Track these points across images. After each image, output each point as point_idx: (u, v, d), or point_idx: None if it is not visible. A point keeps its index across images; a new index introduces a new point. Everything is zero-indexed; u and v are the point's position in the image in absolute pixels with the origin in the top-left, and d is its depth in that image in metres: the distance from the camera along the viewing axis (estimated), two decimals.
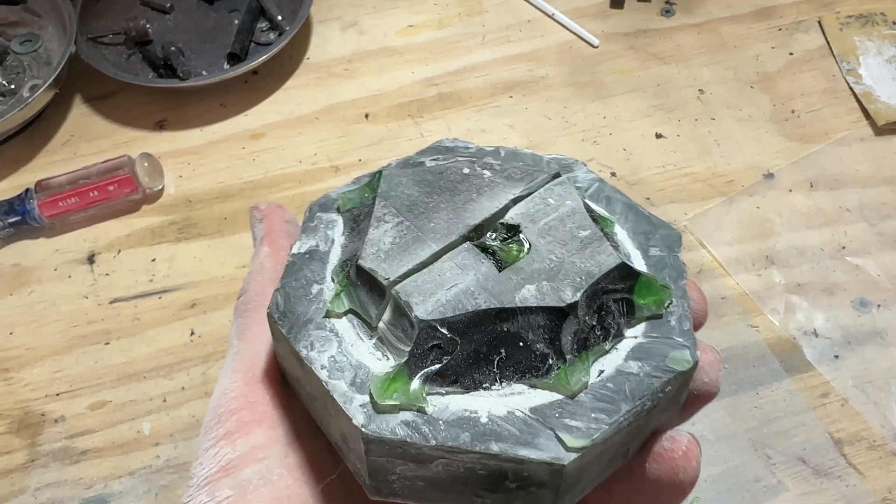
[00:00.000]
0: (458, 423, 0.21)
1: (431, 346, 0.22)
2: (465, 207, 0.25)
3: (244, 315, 0.27)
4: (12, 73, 0.67)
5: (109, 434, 0.51)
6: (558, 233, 0.24)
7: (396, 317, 0.23)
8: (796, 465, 0.49)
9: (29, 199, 0.58)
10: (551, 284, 0.23)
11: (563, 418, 0.21)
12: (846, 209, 0.60)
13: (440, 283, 0.23)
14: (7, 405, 0.52)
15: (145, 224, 0.60)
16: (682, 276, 0.26)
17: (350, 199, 0.27)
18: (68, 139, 0.66)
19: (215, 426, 0.24)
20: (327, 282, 0.25)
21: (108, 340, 0.55)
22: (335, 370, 0.22)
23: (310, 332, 0.23)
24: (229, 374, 0.26)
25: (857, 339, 0.54)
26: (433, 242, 0.24)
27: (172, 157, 0.64)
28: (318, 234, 0.26)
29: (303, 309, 0.24)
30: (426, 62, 0.71)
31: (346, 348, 0.23)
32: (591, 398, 0.22)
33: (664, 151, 0.64)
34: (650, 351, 0.23)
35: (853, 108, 0.66)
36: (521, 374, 0.23)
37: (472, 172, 0.26)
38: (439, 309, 0.22)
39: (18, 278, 0.58)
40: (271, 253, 0.28)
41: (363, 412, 0.21)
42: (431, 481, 0.22)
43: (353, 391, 0.22)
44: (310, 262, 0.25)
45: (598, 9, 0.75)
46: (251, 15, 0.70)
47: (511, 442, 0.21)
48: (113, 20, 0.71)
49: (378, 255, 0.24)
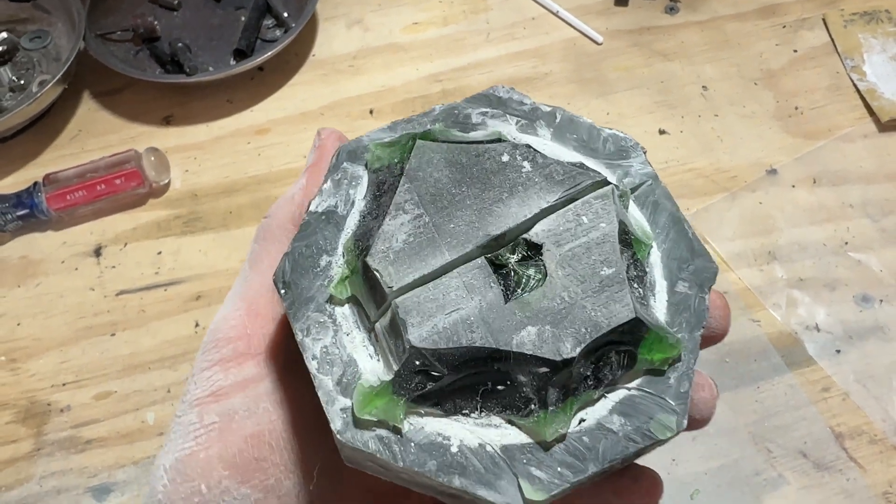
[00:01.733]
0: (428, 447, 0.21)
1: (418, 371, 0.21)
2: (490, 210, 0.23)
3: (261, 242, 0.27)
4: (22, 69, 0.68)
5: (114, 424, 0.51)
6: (580, 265, 0.22)
7: (393, 326, 0.22)
8: (797, 458, 0.49)
9: (37, 192, 0.58)
10: (553, 331, 0.21)
11: (529, 465, 0.21)
12: (849, 205, 0.60)
13: (442, 305, 0.22)
14: (14, 395, 0.53)
15: (151, 217, 0.61)
16: (700, 324, 0.24)
17: (380, 158, 0.25)
18: (76, 134, 0.67)
19: (212, 349, 0.25)
20: (337, 255, 0.24)
21: (114, 332, 0.55)
22: (325, 363, 0.22)
23: (309, 315, 0.23)
24: (234, 301, 0.26)
25: (858, 334, 0.54)
26: (447, 250, 0.22)
27: (179, 151, 0.65)
28: (339, 192, 0.25)
29: (307, 283, 0.23)
30: (431, 59, 0.71)
31: (340, 339, 0.23)
32: (562, 450, 0.22)
33: (667, 147, 0.64)
34: (638, 408, 0.22)
35: (857, 105, 0.66)
36: (503, 408, 0.22)
37: (511, 162, 0.24)
38: (433, 337, 0.21)
39: (26, 270, 0.58)
40: (307, 186, 0.27)
41: (342, 418, 0.21)
42: (400, 479, 0.23)
43: (337, 391, 0.22)
44: (325, 225, 0.24)
45: (603, 6, 0.75)
46: (257, 12, 0.71)
47: (474, 479, 0.21)
48: (121, 17, 0.72)
49: (388, 255, 0.22)
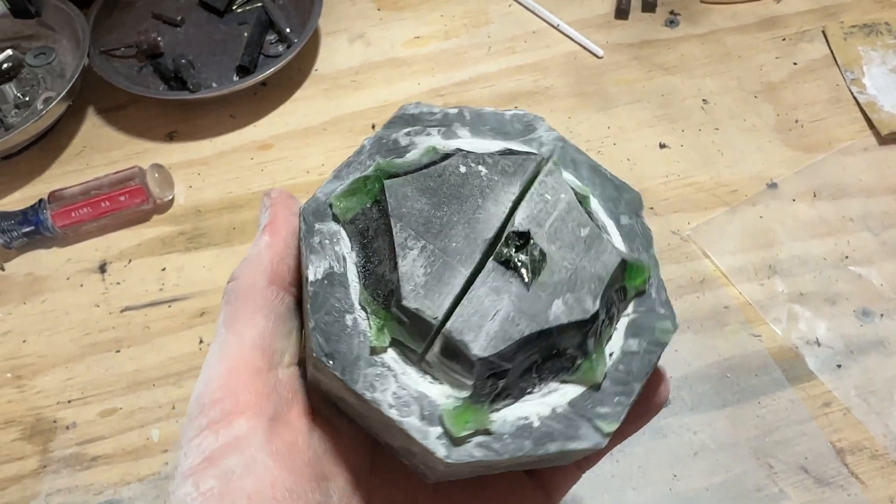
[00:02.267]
0: (517, 433, 0.24)
1: (489, 376, 0.24)
2: (476, 217, 0.26)
3: (233, 303, 0.26)
4: (27, 86, 0.68)
5: (119, 441, 0.52)
6: (564, 235, 0.26)
7: (448, 352, 0.24)
8: (798, 474, 0.49)
9: (42, 209, 0.59)
10: (574, 296, 0.25)
11: (595, 407, 0.25)
12: (849, 219, 0.60)
13: (483, 314, 0.24)
14: (20, 412, 0.53)
15: (156, 234, 0.61)
16: (650, 243, 0.29)
17: (349, 209, 0.27)
18: (81, 150, 0.67)
19: (198, 416, 0.24)
20: (357, 310, 0.25)
21: (119, 348, 0.56)
22: (402, 406, 0.24)
23: (364, 371, 0.24)
24: (214, 364, 0.25)
25: (859, 348, 0.54)
26: (461, 266, 0.25)
27: (183, 167, 0.65)
28: (326, 254, 0.26)
29: (346, 347, 0.24)
30: (432, 73, 0.71)
31: (402, 381, 0.24)
32: (610, 383, 0.25)
33: (668, 161, 0.64)
34: (641, 325, 0.27)
35: (857, 118, 0.67)
36: (555, 373, 0.25)
37: (469, 171, 0.27)
38: (492, 343, 0.24)
39: (32, 287, 0.59)
40: (271, 243, 0.27)
41: (442, 444, 0.23)
42: (489, 469, 0.25)
43: (425, 425, 0.23)
44: (331, 288, 0.25)
45: (603, 19, 0.75)
46: (260, 27, 0.71)
47: (562, 440, 0.24)
48: (125, 33, 0.73)
49: (417, 291, 0.24)
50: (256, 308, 0.26)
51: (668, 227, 0.60)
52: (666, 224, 0.60)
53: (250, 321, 0.26)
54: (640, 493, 0.49)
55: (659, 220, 0.61)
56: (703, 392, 0.52)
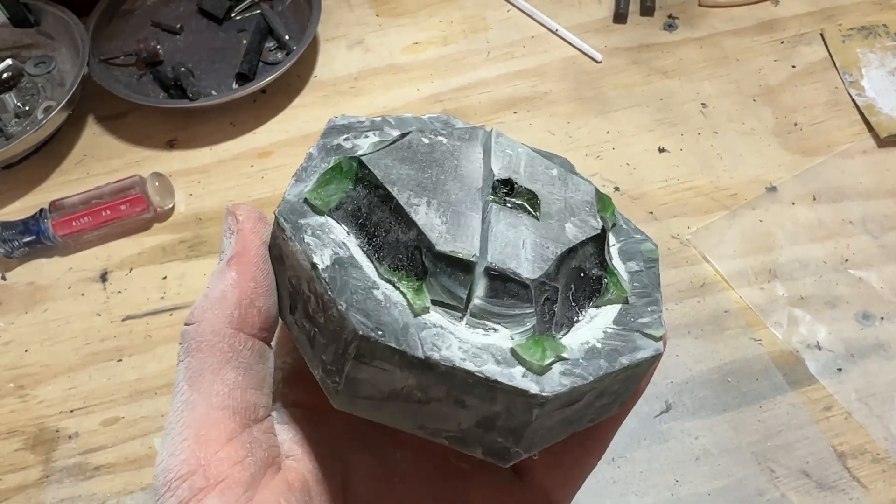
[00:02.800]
0: (588, 355, 0.23)
1: (544, 301, 0.24)
2: (459, 174, 0.26)
3: (195, 355, 0.22)
4: (27, 95, 0.68)
5: (122, 450, 0.52)
6: (539, 176, 0.27)
7: (496, 288, 0.23)
8: (800, 478, 0.49)
9: (43, 218, 0.59)
10: (577, 219, 0.26)
11: (637, 319, 0.25)
12: (849, 222, 0.61)
13: (514, 245, 0.24)
14: (22, 422, 0.53)
15: (156, 242, 0.62)
16: None
17: (330, 197, 0.25)
18: (81, 159, 0.67)
19: (166, 494, 0.22)
20: (383, 285, 0.23)
21: (121, 357, 0.56)
22: (474, 357, 0.22)
23: (419, 335, 0.22)
24: (179, 430, 0.22)
25: (860, 352, 0.54)
26: (470, 211, 0.24)
27: (183, 175, 0.65)
28: (324, 242, 0.24)
29: (388, 317, 0.22)
30: (431, 79, 0.72)
31: (461, 337, 0.22)
32: (636, 298, 0.26)
33: (667, 165, 0.65)
34: (630, 251, 0.28)
35: (856, 121, 0.67)
36: (588, 299, 0.26)
37: (432, 141, 0.27)
38: (537, 266, 0.24)
39: (33, 296, 0.59)
40: (238, 281, 0.23)
41: (531, 380, 0.22)
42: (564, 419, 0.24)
43: (505, 368, 0.22)
44: (345, 271, 0.23)
45: (601, 24, 0.75)
46: (259, 35, 0.71)
47: (628, 352, 0.24)
48: (124, 41, 0.73)
49: (444, 236, 0.23)
50: (224, 360, 0.23)
51: (667, 232, 0.60)
52: (666, 228, 0.60)
53: (217, 376, 0.22)
54: (643, 498, 0.49)
55: (658, 225, 0.61)
56: (705, 397, 0.53)
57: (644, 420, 0.52)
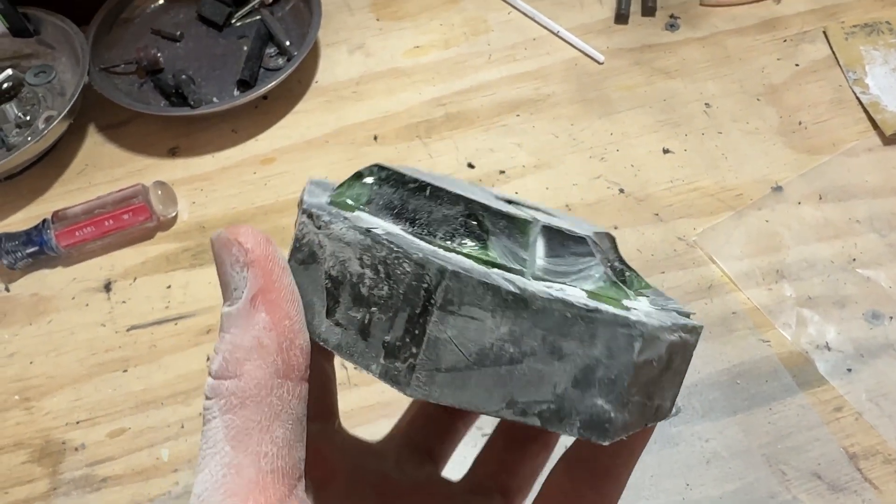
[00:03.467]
0: (651, 313, 0.22)
1: (602, 258, 0.23)
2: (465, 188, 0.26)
3: (237, 412, 0.20)
4: (27, 105, 0.68)
5: (129, 461, 0.52)
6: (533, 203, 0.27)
7: (554, 247, 0.22)
8: (811, 480, 0.49)
9: (46, 229, 0.59)
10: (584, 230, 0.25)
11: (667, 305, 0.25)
12: (856, 221, 0.60)
13: (552, 221, 0.24)
14: (29, 434, 0.53)
15: (160, 251, 0.61)
16: None
17: (360, 195, 0.24)
18: (83, 168, 0.67)
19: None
20: (443, 253, 0.21)
21: (126, 368, 0.55)
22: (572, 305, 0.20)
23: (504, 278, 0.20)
24: (220, 500, 0.19)
25: (869, 351, 0.54)
26: (496, 201, 0.24)
27: (185, 183, 0.65)
28: (362, 221, 0.21)
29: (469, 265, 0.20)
30: (433, 82, 0.71)
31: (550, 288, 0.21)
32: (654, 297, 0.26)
33: (672, 166, 0.64)
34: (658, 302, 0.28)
35: (860, 119, 0.66)
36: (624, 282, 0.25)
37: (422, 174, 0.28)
38: (581, 228, 0.23)
39: (37, 307, 0.59)
40: (273, 324, 0.20)
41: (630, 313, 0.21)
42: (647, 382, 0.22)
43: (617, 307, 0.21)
44: (400, 238, 0.21)
45: (603, 25, 0.75)
46: (260, 41, 0.71)
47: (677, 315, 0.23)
48: (124, 50, 0.73)
49: (492, 203, 0.22)
50: (273, 416, 0.20)
51: (673, 233, 0.60)
52: (672, 230, 0.60)
53: (267, 435, 0.20)
54: (653, 502, 0.49)
55: (664, 227, 0.60)
56: (714, 399, 0.52)
57: None
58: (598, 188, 0.63)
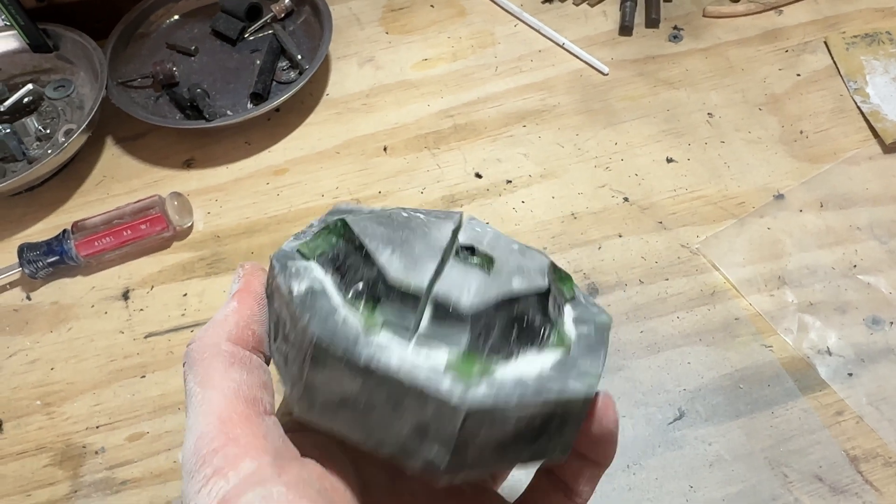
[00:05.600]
0: (518, 384, 0.26)
1: (479, 330, 0.26)
2: (427, 236, 0.29)
3: (199, 364, 0.27)
4: (47, 118, 0.70)
5: (148, 464, 0.53)
6: (500, 247, 0.30)
7: (439, 316, 0.26)
8: (813, 482, 0.50)
9: (66, 239, 0.61)
10: (525, 277, 0.29)
11: (574, 366, 0.28)
12: (857, 228, 0.61)
13: (460, 286, 0.27)
14: (50, 438, 0.55)
15: (176, 260, 0.63)
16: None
17: (317, 247, 0.29)
18: (101, 180, 0.69)
19: (201, 468, 0.24)
20: (343, 310, 0.26)
21: (144, 374, 0.57)
22: (409, 369, 0.25)
23: (365, 349, 0.25)
24: (202, 419, 0.25)
25: (870, 356, 0.55)
26: (429, 260, 0.28)
27: (200, 194, 0.67)
28: (304, 277, 0.27)
29: (342, 333, 0.25)
30: (441, 94, 0.73)
31: (402, 353, 0.25)
32: (577, 350, 0.29)
33: (675, 175, 0.66)
34: (584, 318, 0.31)
35: (861, 128, 0.68)
36: (529, 343, 0.28)
37: (410, 216, 0.31)
38: (475, 302, 0.27)
39: (58, 315, 0.61)
40: (238, 308, 0.28)
41: (455, 390, 0.24)
42: (497, 444, 0.26)
43: (436, 377, 0.25)
44: (315, 298, 0.27)
45: (608, 37, 0.77)
46: (272, 55, 0.73)
47: (559, 385, 0.27)
48: (141, 64, 0.75)
49: (399, 271, 0.27)
50: (228, 363, 0.26)
51: (677, 241, 0.61)
52: (675, 238, 0.61)
53: (226, 375, 0.26)
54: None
55: (668, 235, 0.62)
56: (717, 403, 0.53)
57: (658, 427, 0.53)
58: (603, 197, 0.65)
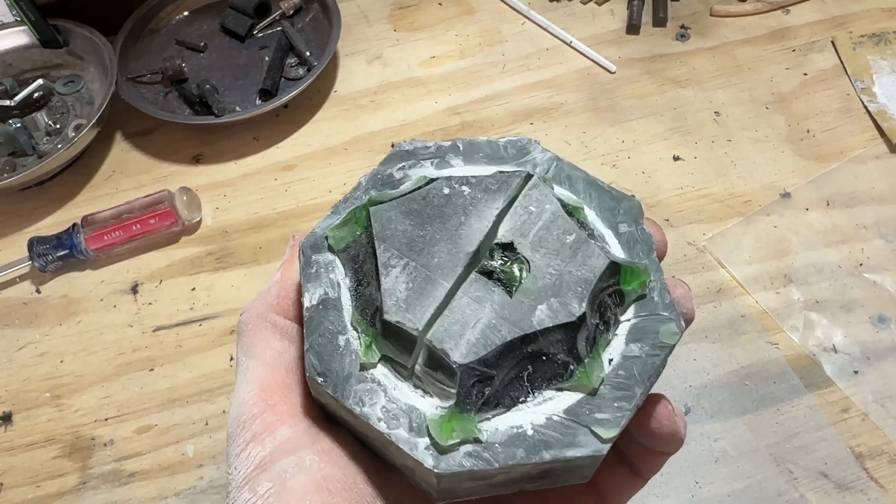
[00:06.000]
0: (510, 441, 0.24)
1: (473, 383, 0.24)
2: (458, 234, 0.26)
3: (246, 334, 0.28)
4: (57, 113, 0.71)
5: (155, 457, 0.53)
6: (549, 243, 0.27)
7: (432, 362, 0.25)
8: (818, 479, 0.50)
9: (76, 233, 0.61)
10: (559, 300, 0.25)
11: (592, 414, 0.24)
12: (863, 226, 0.61)
13: (464, 323, 0.25)
14: (59, 430, 0.55)
15: (185, 255, 0.63)
16: (651, 248, 0.28)
17: (342, 238, 0.28)
18: (110, 175, 0.69)
19: (241, 432, 0.26)
20: (350, 331, 0.26)
21: (153, 367, 0.57)
22: (391, 419, 0.24)
23: (354, 388, 0.25)
24: (244, 387, 0.27)
25: (875, 354, 0.55)
26: (443, 279, 0.25)
27: (209, 189, 0.67)
28: (321, 281, 0.27)
29: (338, 365, 0.25)
30: (449, 92, 0.73)
31: (391, 395, 0.25)
32: (609, 388, 0.25)
33: (682, 173, 0.66)
34: (644, 329, 0.26)
35: (868, 127, 0.68)
36: (548, 381, 0.25)
37: (453, 192, 0.28)
38: (472, 350, 0.24)
39: (67, 309, 0.61)
40: (280, 280, 0.29)
41: (430, 454, 0.24)
42: (491, 485, 0.25)
43: (413, 436, 0.24)
44: (325, 312, 0.26)
45: (615, 35, 0.77)
46: (281, 52, 0.73)
47: (558, 447, 0.24)
48: (150, 60, 0.75)
49: (399, 305, 0.25)
50: (270, 333, 0.28)
51: (683, 239, 0.61)
52: (682, 235, 0.62)
53: (267, 344, 0.28)
54: (663, 500, 0.50)
55: (675, 232, 0.62)
56: (723, 400, 0.54)
57: None
58: None
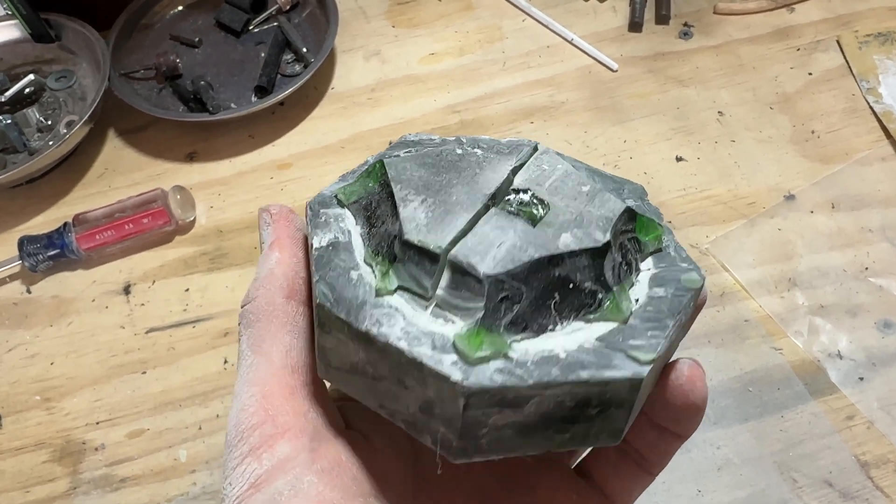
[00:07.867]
0: (543, 361, 0.23)
1: (501, 299, 0.23)
2: (474, 180, 0.26)
3: (254, 326, 0.26)
4: (48, 110, 0.69)
5: (148, 462, 0.52)
6: (565, 191, 0.27)
7: (456, 280, 0.24)
8: (823, 488, 0.49)
9: (67, 232, 0.60)
10: (582, 230, 0.25)
11: (626, 340, 0.24)
12: (868, 230, 0.60)
13: (489, 244, 0.24)
14: (49, 434, 0.54)
15: (178, 255, 0.62)
16: (661, 217, 0.28)
17: (353, 192, 0.27)
18: (103, 172, 0.68)
19: (239, 444, 0.24)
20: (363, 266, 0.25)
21: (145, 369, 0.56)
22: (412, 339, 0.23)
23: (370, 312, 0.23)
24: (246, 389, 0.25)
25: (881, 360, 0.54)
26: (463, 212, 0.25)
27: (203, 188, 0.66)
28: (331, 228, 0.26)
29: (352, 294, 0.24)
30: (448, 89, 0.72)
31: (411, 320, 0.23)
32: (639, 321, 0.25)
33: (685, 174, 0.65)
34: (665, 278, 0.26)
35: (873, 128, 0.67)
36: (577, 311, 0.25)
37: (465, 152, 0.28)
38: (499, 264, 0.23)
39: (58, 309, 0.60)
40: (281, 259, 0.27)
41: (458, 368, 0.22)
42: (519, 427, 0.23)
43: (437, 353, 0.22)
44: (336, 252, 0.25)
45: (617, 33, 0.76)
46: (277, 48, 0.72)
47: (595, 367, 0.23)
48: (144, 55, 0.74)
49: (420, 228, 0.24)
50: (280, 326, 0.26)
51: (686, 241, 0.60)
52: (684, 238, 0.61)
53: (276, 340, 0.26)
54: None
55: (677, 234, 0.61)
56: (726, 406, 0.53)
57: None
58: None
